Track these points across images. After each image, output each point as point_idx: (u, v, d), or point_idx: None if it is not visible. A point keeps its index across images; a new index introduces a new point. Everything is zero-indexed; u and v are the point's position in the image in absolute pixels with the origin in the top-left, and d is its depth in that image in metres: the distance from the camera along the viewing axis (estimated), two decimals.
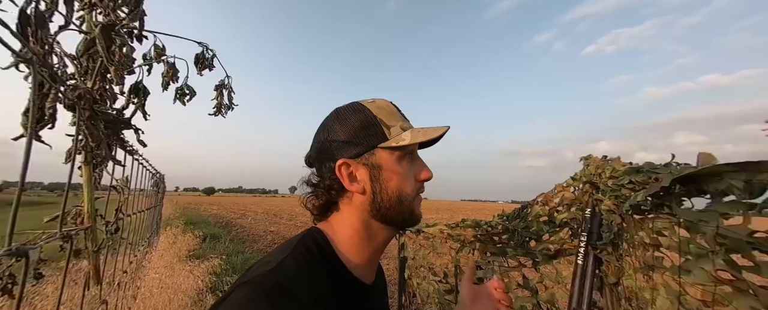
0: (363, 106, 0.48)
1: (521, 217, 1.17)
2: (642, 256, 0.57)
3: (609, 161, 0.88)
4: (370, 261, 0.48)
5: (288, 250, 0.42)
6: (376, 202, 0.46)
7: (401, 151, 0.46)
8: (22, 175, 0.38)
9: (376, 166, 0.46)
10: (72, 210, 0.65)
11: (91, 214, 0.64)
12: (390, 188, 0.46)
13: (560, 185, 1.07)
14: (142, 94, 0.74)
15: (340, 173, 0.46)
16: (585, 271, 0.89)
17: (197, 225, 9.65)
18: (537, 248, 1.08)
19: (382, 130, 0.46)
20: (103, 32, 0.59)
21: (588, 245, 0.88)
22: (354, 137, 0.46)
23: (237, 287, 0.36)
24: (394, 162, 0.46)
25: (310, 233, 0.47)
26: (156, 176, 3.30)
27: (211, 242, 6.87)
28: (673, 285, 0.48)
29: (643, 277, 0.57)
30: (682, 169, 0.50)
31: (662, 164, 0.61)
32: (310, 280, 0.38)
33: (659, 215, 0.56)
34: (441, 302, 1.31)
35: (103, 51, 0.59)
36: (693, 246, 0.45)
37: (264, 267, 0.38)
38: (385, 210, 0.46)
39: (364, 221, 0.46)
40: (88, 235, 0.63)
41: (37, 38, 0.59)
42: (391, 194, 0.46)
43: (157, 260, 2.89)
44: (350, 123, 0.47)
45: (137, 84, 0.74)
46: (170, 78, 0.82)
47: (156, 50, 0.80)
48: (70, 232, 0.57)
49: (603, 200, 0.83)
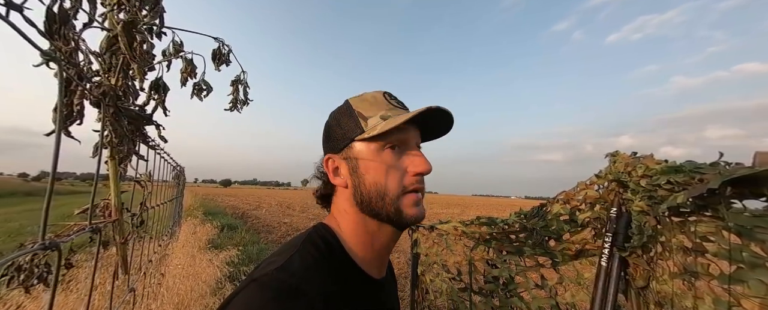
0: (346, 101, 0.48)
1: (540, 215, 1.13)
2: (682, 261, 0.53)
3: (640, 158, 0.82)
4: (377, 256, 0.48)
5: (295, 247, 0.41)
6: (357, 195, 0.45)
7: (379, 142, 0.44)
8: (53, 170, 0.40)
9: (352, 158, 0.45)
10: (100, 203, 0.67)
11: (118, 207, 0.66)
12: (367, 181, 0.44)
13: (583, 183, 1.02)
14: (162, 91, 0.76)
15: (326, 168, 0.47)
16: (609, 273, 0.84)
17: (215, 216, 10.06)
18: (557, 247, 1.04)
19: (357, 122, 0.45)
20: (124, 29, 0.60)
21: (613, 246, 0.83)
22: (335, 132, 0.47)
23: (245, 286, 0.36)
24: (371, 154, 0.44)
25: (317, 229, 0.47)
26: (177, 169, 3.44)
27: (229, 232, 7.14)
28: (722, 295, 0.44)
29: (682, 283, 0.53)
30: (734, 169, 0.46)
31: (708, 163, 0.56)
32: (318, 277, 0.38)
33: (702, 217, 0.52)
34: (454, 299, 1.30)
35: (126, 48, 0.60)
36: (746, 254, 0.41)
37: (271, 266, 0.38)
38: (368, 204, 0.44)
39: (358, 215, 0.46)
40: (115, 227, 0.66)
41: (62, 35, 0.61)
42: (370, 188, 0.44)
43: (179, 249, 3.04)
44: (333, 119, 0.48)
45: (157, 80, 0.75)
46: (188, 74, 0.82)
47: (174, 46, 0.81)
48: (98, 224, 0.59)
49: (633, 200, 0.78)
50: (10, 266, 0.50)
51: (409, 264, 1.54)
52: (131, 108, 0.64)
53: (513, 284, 1.14)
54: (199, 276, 2.18)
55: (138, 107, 0.69)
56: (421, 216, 0.45)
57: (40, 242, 0.37)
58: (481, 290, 1.21)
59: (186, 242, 3.63)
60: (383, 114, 0.44)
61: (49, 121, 0.54)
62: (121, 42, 0.60)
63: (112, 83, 0.61)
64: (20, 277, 0.51)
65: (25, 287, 0.53)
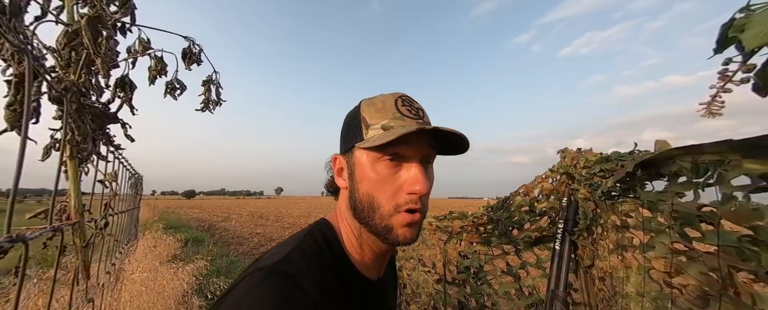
0: (360, 102, 0.47)
1: (504, 207, 1.24)
2: (615, 238, 0.63)
3: (582, 152, 0.95)
4: (372, 259, 0.47)
5: (296, 242, 0.42)
6: (352, 201, 0.44)
7: (376, 153, 0.41)
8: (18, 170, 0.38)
9: (352, 164, 0.44)
10: (57, 206, 0.63)
11: (78, 209, 0.62)
12: (361, 190, 0.42)
13: (540, 177, 1.14)
14: (128, 88, 0.73)
15: (333, 166, 0.48)
16: (562, 255, 0.95)
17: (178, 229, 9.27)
18: (519, 236, 1.14)
19: (359, 129, 0.43)
20: (89, 24, 0.58)
21: (565, 231, 0.94)
22: (343, 134, 0.47)
23: (247, 276, 0.36)
24: (368, 164, 0.42)
25: (319, 225, 0.47)
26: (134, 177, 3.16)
27: (194, 246, 6.62)
28: (642, 261, 0.53)
29: (616, 258, 0.63)
30: (642, 155, 0.56)
31: (627, 152, 0.68)
32: (316, 273, 0.39)
33: (626, 198, 0.62)
34: (430, 291, 1.35)
35: (90, 43, 0.57)
36: (654, 223, 0.51)
37: (272, 258, 0.38)
38: (361, 213, 0.43)
39: (353, 220, 0.45)
40: (75, 230, 0.61)
41: (12, 29, 0.57)
42: (363, 197, 0.42)
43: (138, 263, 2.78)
44: (346, 119, 0.48)
45: (123, 78, 0.72)
46: (158, 72, 0.80)
47: (141, 43, 0.78)
48: (60, 226, 0.56)
49: (578, 189, 0.89)
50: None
51: None
52: (95, 105, 0.61)
53: (482, 272, 1.23)
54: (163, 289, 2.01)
55: (102, 105, 0.66)
56: (412, 240, 0.42)
57: (7, 236, 0.35)
58: (455, 280, 1.28)
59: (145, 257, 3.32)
60: (386, 124, 0.42)
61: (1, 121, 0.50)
62: (86, 37, 0.57)
63: (74, 79, 0.58)
64: None
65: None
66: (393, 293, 0.57)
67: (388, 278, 0.53)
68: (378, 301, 0.49)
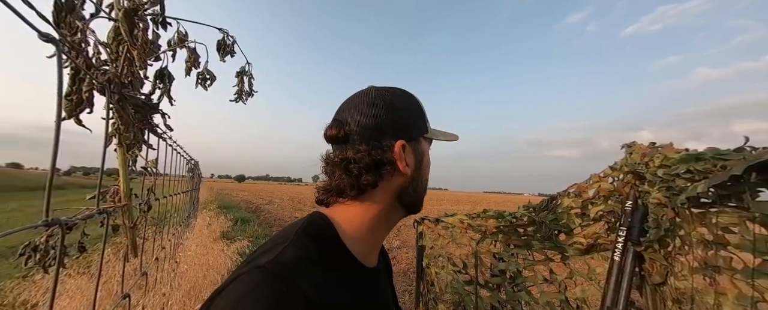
0: (412, 94, 0.51)
1: (550, 208, 1.09)
2: (703, 255, 0.49)
3: (658, 147, 0.78)
4: (377, 244, 0.49)
5: (289, 238, 0.40)
6: (412, 186, 0.47)
7: (429, 144, 0.52)
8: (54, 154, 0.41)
9: (420, 153, 0.49)
10: (110, 189, 0.70)
11: (127, 193, 0.68)
12: (424, 175, 0.49)
13: (596, 175, 0.97)
14: (167, 80, 0.77)
15: (399, 154, 0.45)
16: (623, 268, 0.80)
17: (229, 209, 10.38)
18: (567, 241, 1.00)
19: (424, 120, 0.50)
20: (125, 17, 0.61)
21: (628, 240, 0.79)
22: (412, 122, 0.48)
23: (237, 277, 0.35)
24: (428, 152, 0.51)
25: (312, 219, 0.45)
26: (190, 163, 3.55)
27: (242, 226, 7.36)
28: (746, 290, 0.41)
29: (703, 279, 0.50)
30: (761, 153, 0.42)
31: (731, 149, 0.52)
32: (312, 268, 0.37)
33: (725, 208, 0.48)
34: (459, 292, 1.28)
35: (126, 35, 0.60)
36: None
37: (263, 257, 0.37)
38: (415, 195, 0.48)
39: (393, 203, 0.47)
40: (124, 212, 0.68)
41: (68, 24, 0.62)
42: (424, 181, 0.50)
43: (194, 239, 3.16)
44: (409, 107, 0.49)
45: (162, 70, 0.76)
46: (192, 64, 0.83)
47: (179, 36, 0.82)
48: (107, 209, 0.62)
49: (650, 192, 0.73)
50: (27, 246, 0.53)
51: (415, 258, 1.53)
52: (137, 96, 0.65)
53: (520, 277, 1.11)
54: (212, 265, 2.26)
55: (144, 96, 0.71)
56: None
57: (44, 220, 0.39)
58: (488, 284, 1.19)
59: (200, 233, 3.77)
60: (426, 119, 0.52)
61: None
62: (122, 29, 0.61)
63: (116, 71, 0.62)
64: (36, 256, 0.53)
65: (43, 265, 0.56)
66: (390, 280, 0.59)
67: (382, 265, 0.54)
68: (379, 288, 0.50)
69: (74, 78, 0.59)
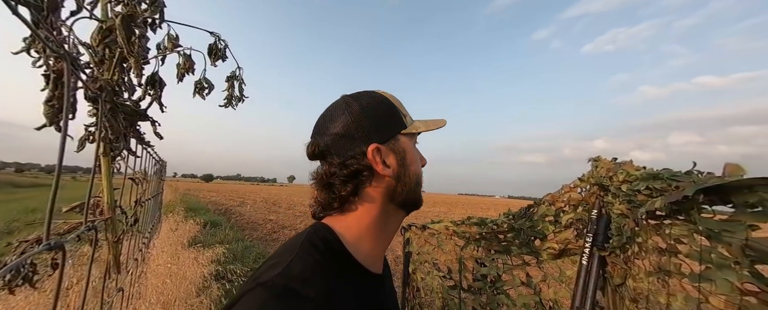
0: (382, 94, 0.50)
1: (527, 216, 1.19)
2: (657, 260, 0.58)
3: (620, 164, 0.88)
4: (382, 250, 0.49)
5: (294, 250, 0.40)
6: (400, 185, 0.47)
7: (413, 137, 0.51)
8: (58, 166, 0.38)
9: (400, 151, 0.48)
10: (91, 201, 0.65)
11: (111, 205, 0.64)
12: (411, 171, 0.48)
13: (567, 186, 1.08)
14: (158, 86, 0.73)
15: (373, 158, 0.45)
16: (589, 271, 0.90)
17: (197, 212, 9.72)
18: (542, 247, 1.10)
19: (402, 118, 0.50)
20: (123, 23, 0.58)
21: (593, 245, 0.89)
22: (382, 124, 0.48)
23: (246, 292, 0.35)
24: (412, 148, 0.50)
25: (315, 229, 0.45)
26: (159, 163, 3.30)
27: (212, 229, 6.93)
28: (692, 292, 0.49)
29: (657, 281, 0.58)
30: (706, 178, 0.50)
31: (682, 171, 0.61)
32: (321, 279, 0.38)
33: (676, 221, 0.57)
34: (445, 296, 1.34)
35: (124, 42, 0.57)
36: (714, 255, 0.46)
37: (271, 271, 0.37)
38: (406, 194, 0.48)
39: (385, 206, 0.47)
40: (108, 225, 0.63)
41: (49, 24, 0.58)
42: (412, 178, 0.49)
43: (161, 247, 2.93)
44: (376, 110, 0.48)
45: (154, 75, 0.72)
46: (186, 70, 0.80)
47: (170, 40, 0.78)
48: (95, 223, 0.57)
49: (613, 203, 0.83)
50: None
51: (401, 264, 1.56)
52: (127, 104, 0.62)
53: (500, 281, 1.19)
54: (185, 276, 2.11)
55: (133, 102, 0.67)
56: None
57: (46, 243, 0.36)
58: (470, 288, 1.25)
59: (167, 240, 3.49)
60: (407, 113, 0.51)
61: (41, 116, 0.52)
62: (120, 36, 0.57)
63: (109, 78, 0.58)
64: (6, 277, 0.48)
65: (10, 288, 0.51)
66: (393, 286, 0.60)
67: (386, 272, 0.55)
68: (386, 295, 0.50)
69: (56, 82, 0.54)
